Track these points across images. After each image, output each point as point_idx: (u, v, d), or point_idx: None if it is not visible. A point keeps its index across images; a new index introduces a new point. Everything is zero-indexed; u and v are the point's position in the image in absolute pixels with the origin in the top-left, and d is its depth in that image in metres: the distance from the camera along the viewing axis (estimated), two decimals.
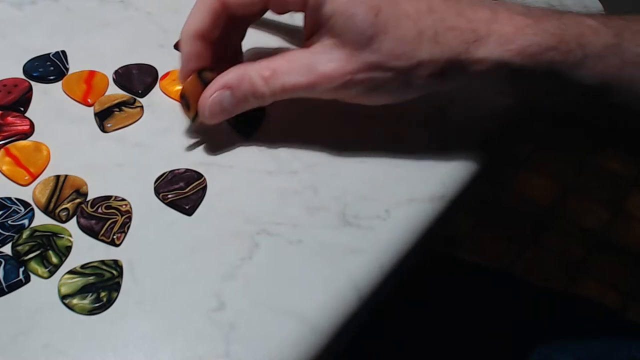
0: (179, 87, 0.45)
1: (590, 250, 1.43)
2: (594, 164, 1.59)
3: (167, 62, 0.48)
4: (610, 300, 1.33)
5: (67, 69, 0.47)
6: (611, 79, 0.40)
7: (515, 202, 1.50)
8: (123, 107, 0.45)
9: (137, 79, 0.46)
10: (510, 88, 0.43)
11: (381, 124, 0.46)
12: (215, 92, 0.40)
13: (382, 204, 0.41)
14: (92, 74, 0.47)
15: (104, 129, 0.43)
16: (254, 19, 0.44)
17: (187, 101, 0.42)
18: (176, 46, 0.49)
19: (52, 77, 0.46)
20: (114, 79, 0.47)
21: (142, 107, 0.45)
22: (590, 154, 1.56)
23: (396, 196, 0.42)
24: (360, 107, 0.45)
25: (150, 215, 0.39)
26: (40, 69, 0.46)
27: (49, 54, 0.48)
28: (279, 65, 0.40)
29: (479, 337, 0.60)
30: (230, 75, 0.40)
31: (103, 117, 0.44)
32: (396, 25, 0.38)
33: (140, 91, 0.46)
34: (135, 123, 0.44)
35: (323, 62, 0.39)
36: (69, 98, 0.45)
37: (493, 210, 1.45)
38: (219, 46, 0.42)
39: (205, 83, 0.41)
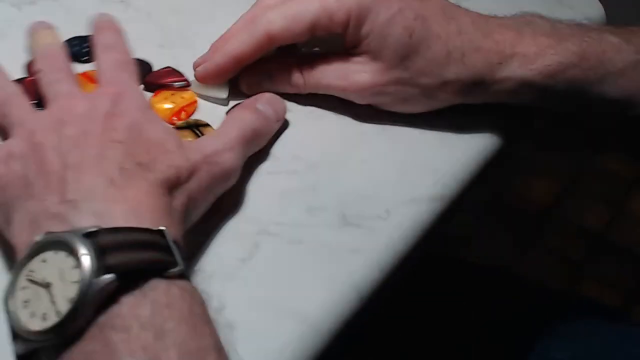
0: (169, 106, 0.44)
1: (590, 250, 1.42)
2: (594, 164, 1.59)
3: (167, 62, 0.47)
4: (610, 300, 1.32)
5: None
6: (633, 93, 0.43)
7: (515, 202, 1.50)
8: None
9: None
10: (539, 103, 0.45)
11: (381, 124, 0.46)
12: (256, 75, 0.44)
13: (382, 204, 0.41)
14: (92, 73, 0.46)
15: None
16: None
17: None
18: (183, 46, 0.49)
19: None
20: None
21: None
22: (590, 154, 1.56)
23: (396, 196, 0.42)
24: (360, 107, 0.45)
25: None
26: None
27: None
28: (318, 64, 0.44)
29: (479, 337, 0.60)
30: (272, 65, 0.44)
31: None
32: (427, 46, 0.41)
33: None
34: None
35: (358, 71, 0.43)
36: None
37: (493, 211, 1.45)
38: None
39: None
